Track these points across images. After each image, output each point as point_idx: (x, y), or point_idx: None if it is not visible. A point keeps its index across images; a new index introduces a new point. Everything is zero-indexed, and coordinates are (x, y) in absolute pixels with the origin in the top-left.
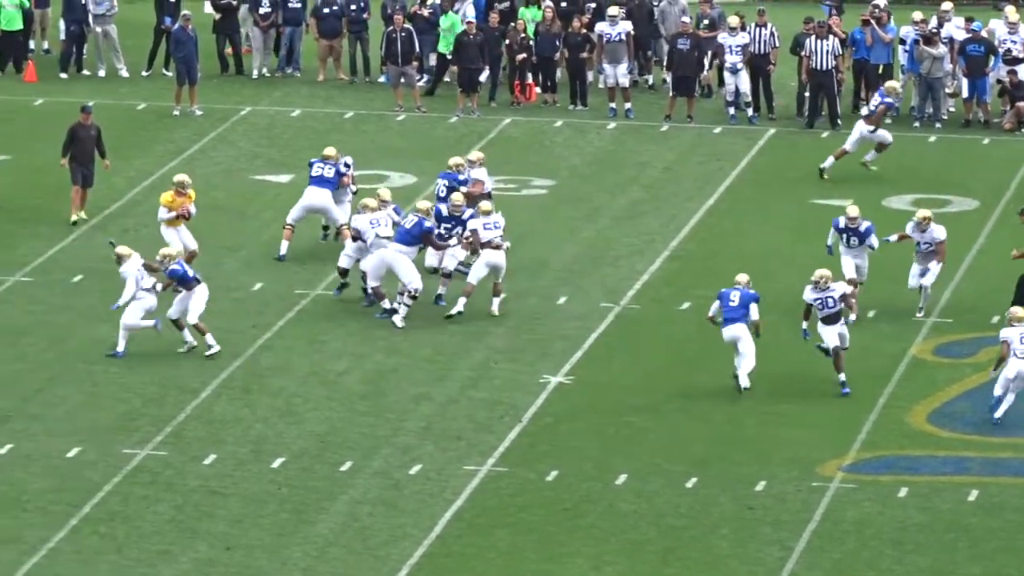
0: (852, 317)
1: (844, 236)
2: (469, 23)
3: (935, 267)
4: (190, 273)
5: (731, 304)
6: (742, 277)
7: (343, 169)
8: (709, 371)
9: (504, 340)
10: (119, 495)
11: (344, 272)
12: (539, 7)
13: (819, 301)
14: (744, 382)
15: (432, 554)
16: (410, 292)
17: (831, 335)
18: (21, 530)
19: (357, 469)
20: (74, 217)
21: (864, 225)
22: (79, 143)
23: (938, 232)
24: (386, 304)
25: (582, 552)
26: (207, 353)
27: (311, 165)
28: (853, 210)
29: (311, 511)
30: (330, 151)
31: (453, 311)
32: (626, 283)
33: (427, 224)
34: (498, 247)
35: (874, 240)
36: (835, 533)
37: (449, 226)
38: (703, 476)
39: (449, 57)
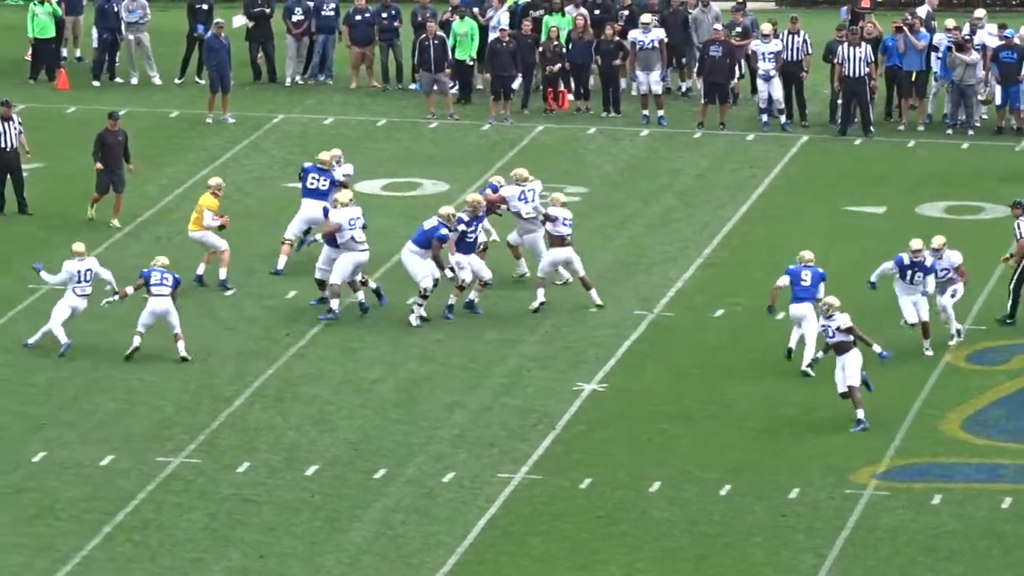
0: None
1: (908, 273)
2: (503, 30)
3: (959, 288)
4: (152, 280)
5: (803, 283)
6: (808, 254)
7: (340, 178)
8: (742, 378)
9: (537, 348)
10: (152, 503)
11: (322, 284)
12: (563, 14)
13: (823, 328)
14: (807, 362)
15: (465, 562)
16: (420, 292)
17: (851, 370)
18: (55, 538)
19: (390, 477)
20: (91, 214)
21: (930, 260)
22: (107, 149)
23: (955, 257)
24: (335, 305)
25: (615, 560)
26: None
27: (305, 174)
28: (916, 243)
29: (344, 519)
30: (324, 156)
31: (536, 304)
32: (659, 290)
33: (442, 232)
34: (565, 241)
35: (931, 281)
36: (868, 540)
37: (470, 228)
38: (736, 483)
39: (469, 63)
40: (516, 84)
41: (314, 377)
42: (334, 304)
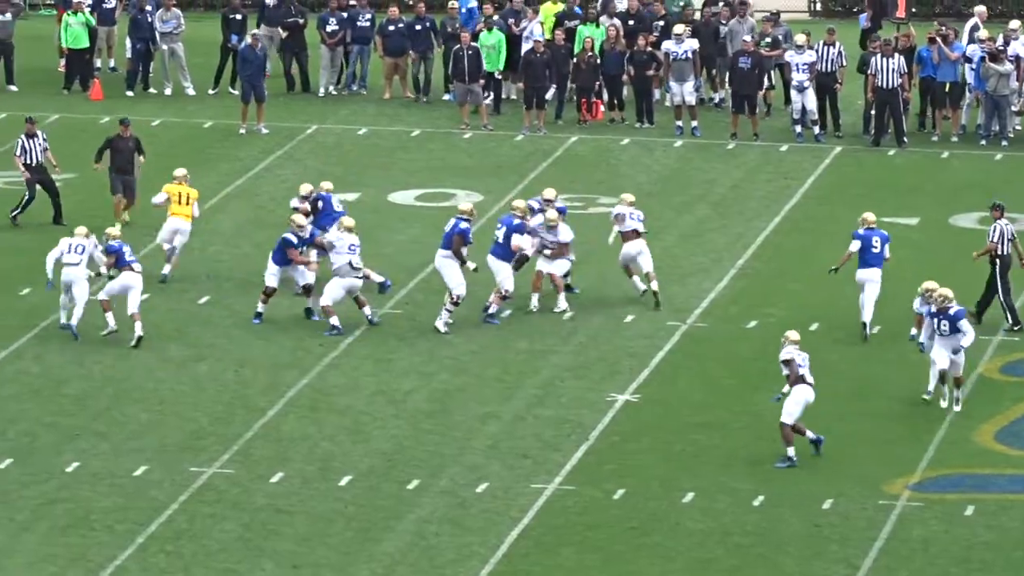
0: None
1: (935, 321)
2: (536, 42)
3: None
4: (127, 256)
5: (874, 250)
6: (870, 216)
7: (297, 204)
8: (776, 389)
9: (571, 358)
10: (186, 513)
11: (271, 291)
12: (597, 25)
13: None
14: (867, 319)
15: (498, 573)
16: (453, 298)
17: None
18: (88, 548)
19: (424, 488)
20: (119, 224)
21: (954, 308)
22: (117, 154)
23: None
24: (335, 321)
25: (649, 571)
26: (132, 344)
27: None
28: (931, 284)
29: (378, 530)
30: (305, 189)
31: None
32: (693, 301)
33: (462, 226)
34: (638, 234)
35: (968, 333)
36: (902, 551)
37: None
38: (770, 494)
39: (498, 76)
40: (549, 95)
41: (348, 387)
42: (334, 321)
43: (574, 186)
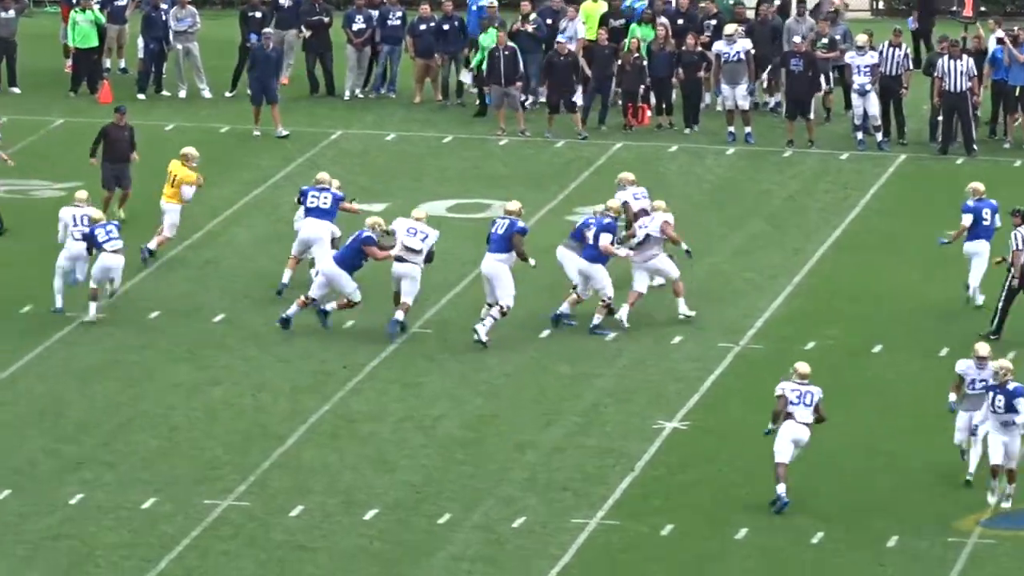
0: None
1: (992, 396)
2: (559, 43)
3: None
4: (99, 238)
5: (984, 222)
6: (979, 186)
7: (339, 193)
8: (835, 416)
9: (614, 383)
10: (198, 550)
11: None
12: (653, 26)
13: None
14: (975, 290)
15: None
16: (501, 308)
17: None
18: None
19: (456, 522)
20: (120, 213)
21: (1013, 383)
22: (111, 144)
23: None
24: (330, 307)
25: None
26: (85, 319)
27: (304, 195)
28: (983, 348)
29: (406, 567)
30: (323, 176)
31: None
32: (746, 321)
33: (520, 224)
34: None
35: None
36: None
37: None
38: (830, 531)
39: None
40: (577, 98)
41: (373, 414)
42: (329, 306)
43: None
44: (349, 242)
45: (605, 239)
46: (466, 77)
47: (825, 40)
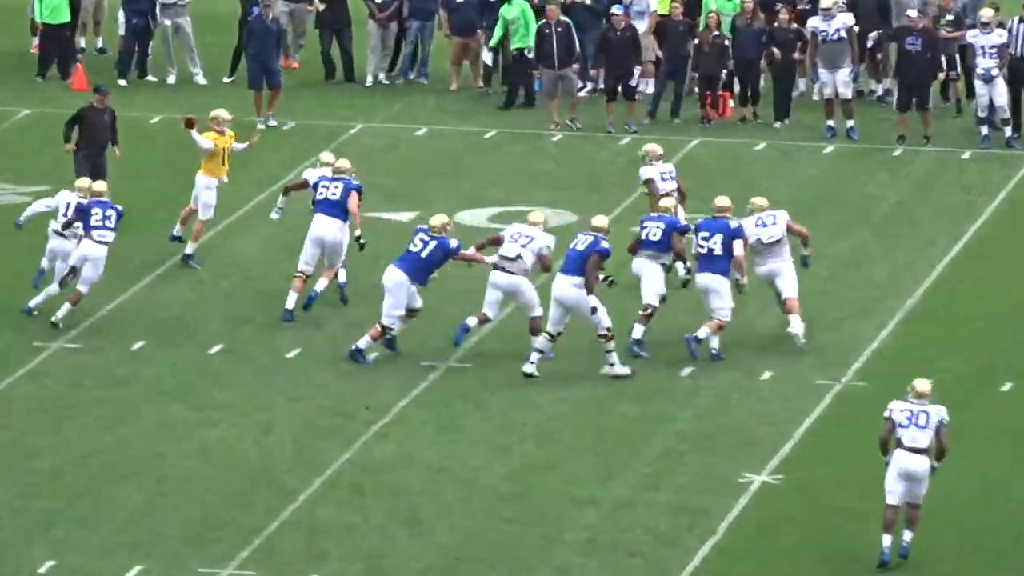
0: None
1: None
2: (614, 15)
3: None
4: (92, 221)
5: None
6: None
7: (355, 182)
8: (956, 465)
9: (692, 426)
10: None
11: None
12: None
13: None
14: None
15: None
16: (604, 332)
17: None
18: None
19: None
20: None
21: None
22: (89, 128)
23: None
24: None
25: None
26: (53, 319)
27: (315, 186)
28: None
29: None
30: (328, 157)
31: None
32: (849, 353)
33: (603, 245)
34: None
35: None
36: None
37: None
38: None
39: (529, 55)
40: (634, 82)
41: (402, 463)
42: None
43: (694, 203)
44: (420, 250)
45: (739, 245)
46: (487, 57)
47: (950, 16)
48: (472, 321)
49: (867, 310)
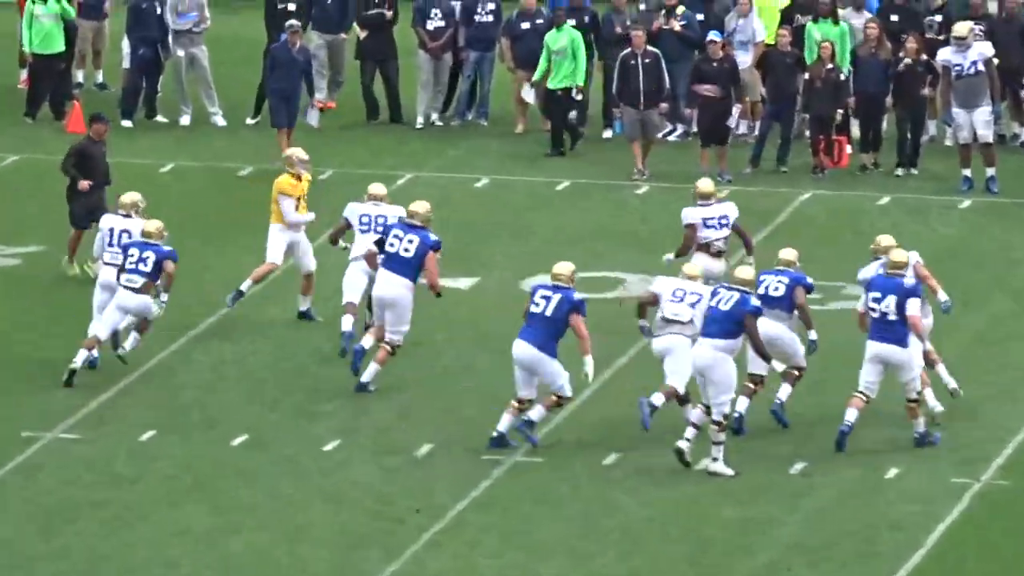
0: None
1: None
2: (712, 42)
3: None
4: (128, 265)
5: None
6: None
7: (433, 237)
8: None
9: (801, 532)
10: None
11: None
12: (835, 21)
13: None
14: None
15: None
16: (717, 419)
17: None
18: None
19: None
20: (75, 269)
21: None
22: (91, 163)
23: None
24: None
25: None
26: (119, 351)
27: (386, 231)
28: None
29: None
30: (378, 189)
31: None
32: (990, 446)
33: (753, 303)
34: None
35: None
36: None
37: None
38: None
39: (577, 96)
40: (732, 123)
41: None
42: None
43: (807, 264)
44: (542, 312)
45: (915, 305)
46: (528, 95)
47: None
48: (659, 399)
49: (1010, 394)
